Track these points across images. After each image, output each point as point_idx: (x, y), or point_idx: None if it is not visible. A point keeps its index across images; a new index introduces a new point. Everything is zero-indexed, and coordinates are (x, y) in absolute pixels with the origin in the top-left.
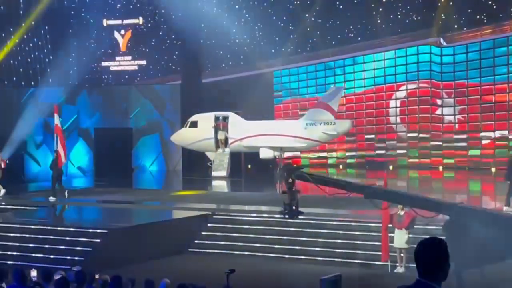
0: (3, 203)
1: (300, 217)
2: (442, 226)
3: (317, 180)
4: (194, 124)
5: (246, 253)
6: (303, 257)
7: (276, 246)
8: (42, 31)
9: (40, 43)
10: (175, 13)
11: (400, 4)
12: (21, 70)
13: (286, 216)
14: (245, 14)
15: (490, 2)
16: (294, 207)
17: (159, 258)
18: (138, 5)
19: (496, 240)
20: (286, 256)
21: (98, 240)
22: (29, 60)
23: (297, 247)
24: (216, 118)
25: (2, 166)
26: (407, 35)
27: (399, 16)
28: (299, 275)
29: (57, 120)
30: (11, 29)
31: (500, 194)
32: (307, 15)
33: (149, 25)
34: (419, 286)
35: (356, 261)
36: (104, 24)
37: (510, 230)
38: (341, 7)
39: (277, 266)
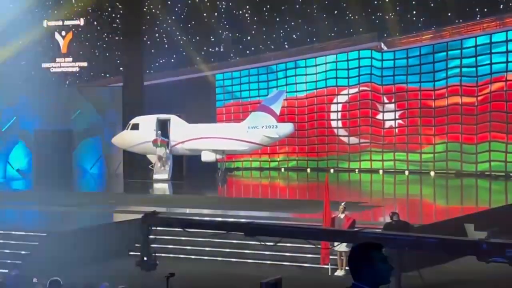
0: None
1: (243, 220)
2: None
3: (184, 224)
4: (135, 127)
5: (188, 256)
6: (245, 260)
7: (218, 249)
8: None
9: None
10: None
11: (341, 9)
12: None
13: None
14: (188, 13)
15: (431, 6)
16: (146, 259)
17: (99, 262)
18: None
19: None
20: (229, 259)
21: (37, 244)
22: None
23: (239, 251)
24: (159, 123)
25: None
26: (348, 39)
27: (340, 21)
28: (241, 278)
29: None
30: None
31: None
32: (251, 18)
33: (91, 26)
34: None
35: (297, 263)
36: (45, 25)
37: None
38: (283, 9)
39: (219, 269)
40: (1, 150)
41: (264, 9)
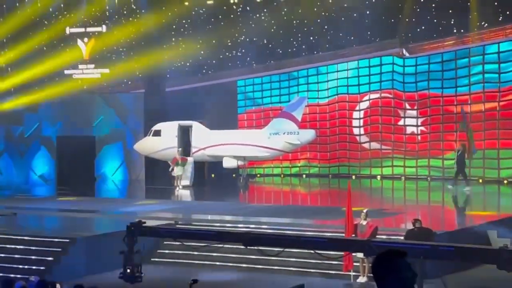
0: None
1: (263, 226)
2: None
3: (174, 234)
4: (157, 133)
5: (209, 262)
6: (266, 267)
7: (239, 256)
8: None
9: None
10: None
11: (363, 15)
12: None
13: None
14: (211, 22)
15: (453, 12)
16: (129, 270)
17: (119, 269)
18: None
19: None
20: (249, 265)
21: (60, 249)
22: None
23: (260, 257)
24: (181, 129)
25: None
26: (370, 45)
27: (362, 27)
28: (264, 285)
29: None
30: None
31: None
32: (271, 24)
33: (113, 32)
34: None
35: (319, 270)
36: (67, 32)
37: None
38: (304, 17)
39: (240, 276)
40: (24, 157)
41: (284, 15)
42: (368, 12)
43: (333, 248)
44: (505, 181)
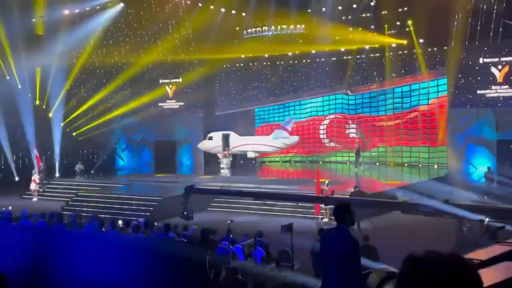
0: (103, 183)
1: (270, 189)
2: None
3: (212, 192)
4: (210, 138)
5: (239, 211)
6: (271, 213)
7: (256, 207)
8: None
9: None
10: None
11: (325, 71)
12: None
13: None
14: (238, 74)
15: (375, 69)
16: (186, 213)
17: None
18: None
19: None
20: (261, 212)
21: (156, 203)
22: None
23: (268, 208)
24: (223, 136)
25: (37, 181)
26: (329, 88)
27: (324, 77)
28: (270, 224)
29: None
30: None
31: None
32: (273, 75)
33: (188, 81)
34: (338, 228)
35: (301, 214)
36: (160, 82)
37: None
38: (292, 72)
39: (258, 219)
40: (136, 151)
41: (280, 70)
42: (327, 69)
43: (309, 201)
44: (406, 164)
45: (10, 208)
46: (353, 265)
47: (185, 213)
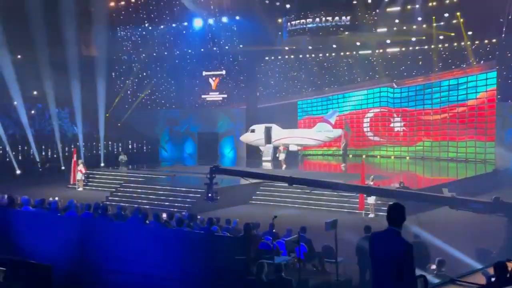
0: (147, 174)
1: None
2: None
3: (239, 174)
4: (253, 131)
5: (282, 204)
6: (315, 207)
7: (299, 201)
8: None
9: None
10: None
11: (370, 63)
12: (163, 101)
13: (207, 200)
14: (283, 68)
15: (420, 60)
16: (210, 195)
17: (232, 206)
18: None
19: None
20: (306, 207)
21: (198, 195)
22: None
23: (312, 202)
24: (266, 129)
25: (83, 171)
26: (373, 80)
27: (369, 70)
28: (314, 218)
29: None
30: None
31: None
32: (317, 69)
33: (230, 75)
34: (389, 230)
35: (344, 210)
36: (203, 74)
37: None
38: (335, 65)
39: (301, 213)
40: (179, 143)
41: (326, 65)
42: (373, 61)
43: (355, 191)
44: (452, 159)
45: (56, 198)
46: (407, 271)
47: (209, 194)
